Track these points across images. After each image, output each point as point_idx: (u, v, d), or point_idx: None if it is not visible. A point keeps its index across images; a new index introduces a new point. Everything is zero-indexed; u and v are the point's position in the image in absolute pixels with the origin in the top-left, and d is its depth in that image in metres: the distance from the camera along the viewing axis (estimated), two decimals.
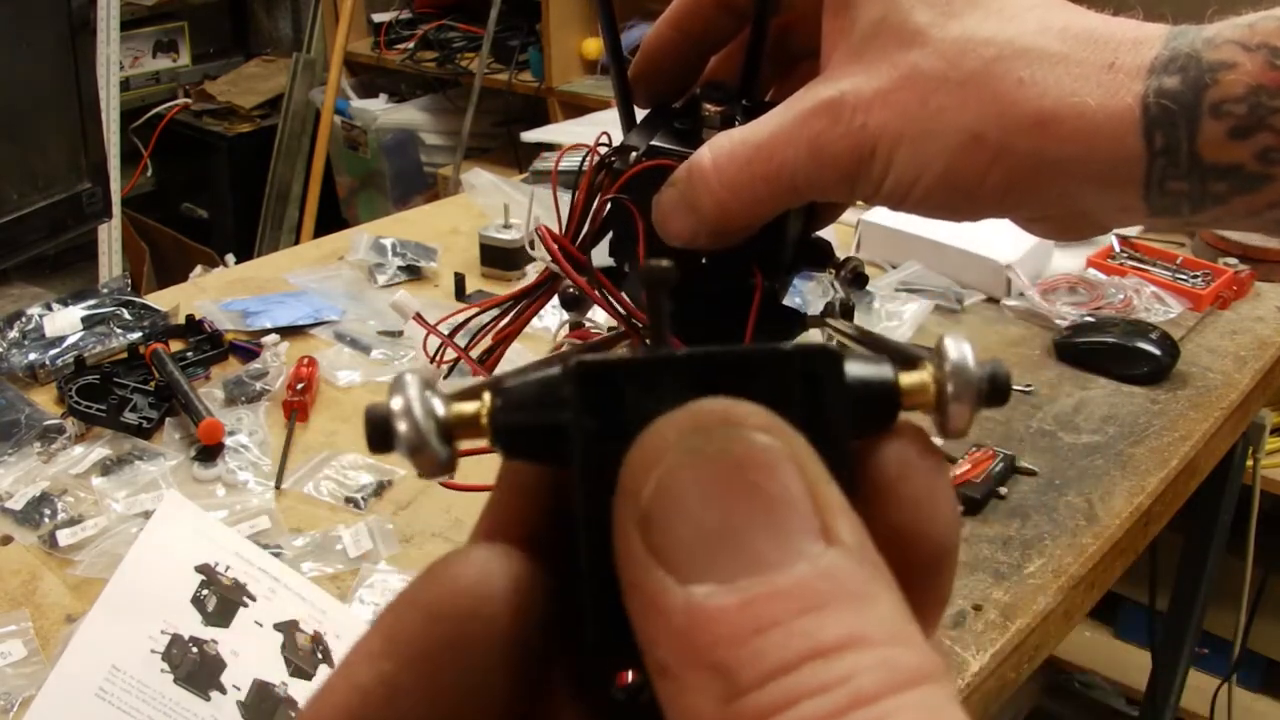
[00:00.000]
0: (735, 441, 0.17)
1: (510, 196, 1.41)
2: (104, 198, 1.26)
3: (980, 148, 0.34)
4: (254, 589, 0.73)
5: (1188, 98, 0.33)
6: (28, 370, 1.09)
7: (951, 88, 0.34)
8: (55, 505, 0.91)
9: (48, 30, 1.17)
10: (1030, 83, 0.33)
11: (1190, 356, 1.12)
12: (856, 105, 0.35)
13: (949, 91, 0.34)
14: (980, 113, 0.34)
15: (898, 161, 0.35)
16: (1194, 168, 0.34)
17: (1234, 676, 1.82)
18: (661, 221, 0.38)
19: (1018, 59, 0.34)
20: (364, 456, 0.98)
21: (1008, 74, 0.34)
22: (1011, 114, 0.34)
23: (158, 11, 3.45)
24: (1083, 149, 0.34)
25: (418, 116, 3.20)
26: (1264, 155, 0.33)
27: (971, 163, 0.35)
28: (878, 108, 0.35)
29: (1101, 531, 0.89)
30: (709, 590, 0.16)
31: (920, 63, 0.35)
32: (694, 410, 0.17)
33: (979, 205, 0.37)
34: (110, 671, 0.65)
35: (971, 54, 0.34)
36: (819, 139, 0.35)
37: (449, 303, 1.26)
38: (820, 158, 0.35)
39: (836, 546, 0.17)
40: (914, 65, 0.35)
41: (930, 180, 0.36)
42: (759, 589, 0.16)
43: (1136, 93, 0.33)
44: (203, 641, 0.69)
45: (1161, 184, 0.34)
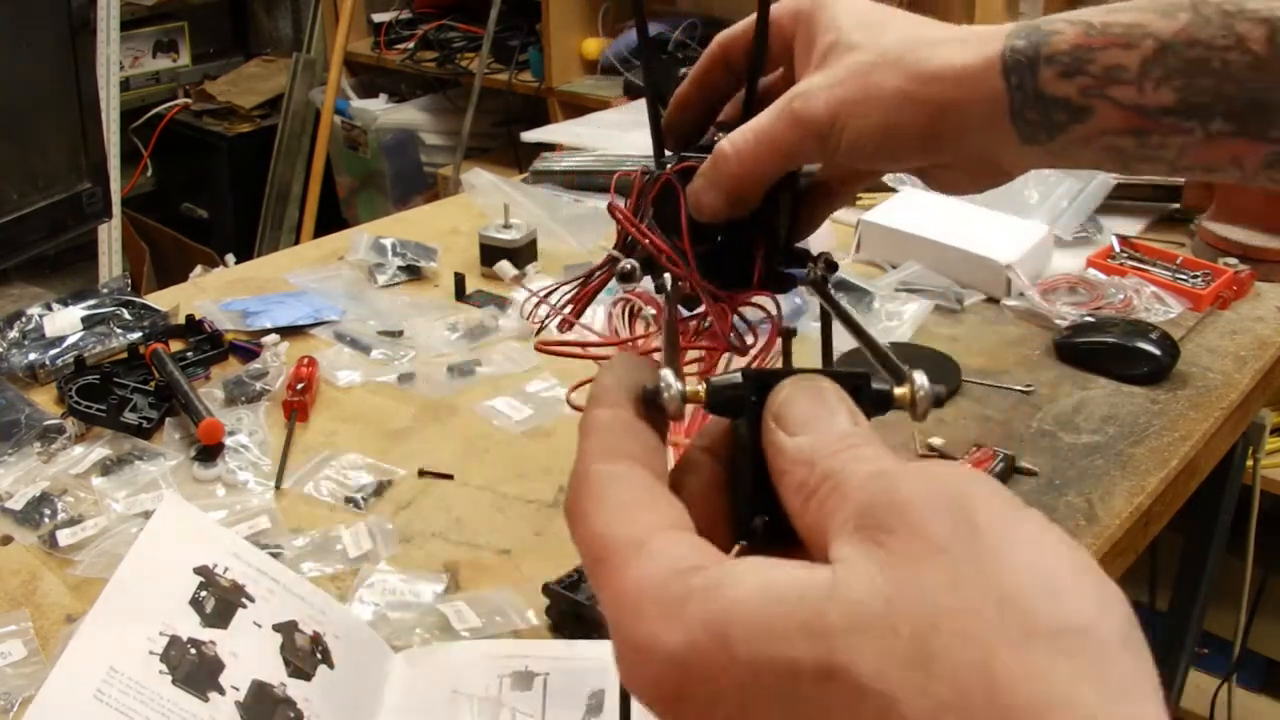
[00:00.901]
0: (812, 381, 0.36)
1: (510, 196, 1.41)
2: (104, 198, 1.26)
3: (904, 101, 0.51)
4: (252, 590, 0.73)
5: (1031, 52, 0.50)
6: (28, 370, 1.09)
7: (881, 68, 0.51)
8: (55, 505, 0.91)
9: (48, 30, 1.17)
10: (930, 57, 0.51)
11: (1190, 356, 1.12)
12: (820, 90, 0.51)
13: (880, 71, 0.51)
14: (902, 78, 0.51)
15: (851, 122, 0.51)
16: (1039, 100, 0.50)
17: (1234, 676, 1.82)
18: (695, 200, 0.53)
19: (923, 46, 0.51)
20: (364, 456, 0.98)
21: (917, 53, 0.51)
22: (920, 75, 0.51)
23: (158, 11, 3.45)
24: (968, 92, 0.51)
25: (418, 116, 3.20)
26: (1085, 91, 0.50)
27: (900, 113, 0.51)
28: (834, 89, 0.51)
29: (1101, 531, 0.89)
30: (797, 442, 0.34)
31: (860, 59, 0.52)
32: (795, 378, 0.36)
33: (912, 149, 0.52)
34: (108, 673, 0.65)
35: (893, 49, 0.51)
36: (798, 116, 0.51)
37: (449, 302, 1.26)
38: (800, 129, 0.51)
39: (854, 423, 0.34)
40: (856, 61, 0.52)
41: (873, 131, 0.52)
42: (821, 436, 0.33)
43: (997, 50, 0.50)
44: (201, 643, 0.68)
45: (1021, 113, 0.51)
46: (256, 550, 0.77)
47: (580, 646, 0.76)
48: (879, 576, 0.28)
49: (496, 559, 0.87)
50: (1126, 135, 0.51)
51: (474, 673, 0.74)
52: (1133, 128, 0.50)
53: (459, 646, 0.77)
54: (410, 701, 0.73)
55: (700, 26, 2.63)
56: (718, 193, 0.53)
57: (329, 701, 0.70)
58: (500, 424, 1.04)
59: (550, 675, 0.74)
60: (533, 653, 0.75)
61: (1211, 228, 1.34)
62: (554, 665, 0.74)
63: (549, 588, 0.79)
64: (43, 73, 1.19)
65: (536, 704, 0.72)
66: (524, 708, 0.72)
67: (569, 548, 0.86)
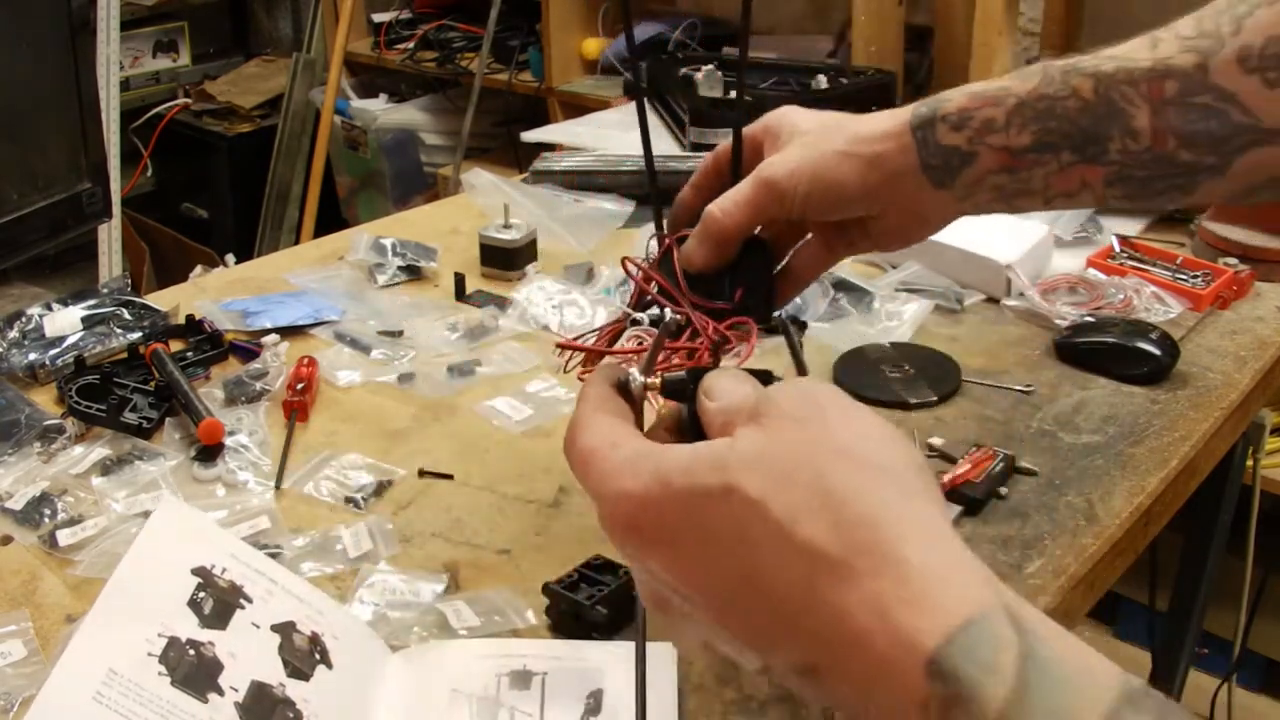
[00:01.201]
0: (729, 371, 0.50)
1: (510, 196, 1.41)
2: (104, 198, 1.26)
3: (843, 158, 0.70)
4: (250, 590, 0.73)
5: (930, 114, 0.70)
6: (28, 370, 1.09)
7: (825, 139, 0.71)
8: (55, 505, 0.91)
9: (48, 30, 1.17)
10: (861, 125, 0.71)
11: (1190, 356, 1.12)
12: (780, 161, 0.71)
13: (824, 141, 0.70)
14: (841, 142, 0.70)
15: (804, 180, 0.70)
16: (939, 149, 0.69)
17: (1234, 676, 1.82)
18: (686, 255, 0.72)
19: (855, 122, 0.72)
20: (364, 456, 0.98)
21: (852, 125, 0.72)
22: (855, 138, 0.70)
23: (158, 11, 3.45)
24: (890, 145, 0.70)
25: (418, 116, 3.20)
26: (970, 140, 0.68)
27: (839, 168, 0.70)
28: (791, 158, 0.71)
29: (1101, 531, 0.89)
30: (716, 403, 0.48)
31: (809, 137, 0.72)
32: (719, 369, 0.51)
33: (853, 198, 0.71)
34: (108, 675, 0.65)
35: (833, 125, 0.72)
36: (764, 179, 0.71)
37: (449, 302, 1.27)
38: (767, 190, 0.71)
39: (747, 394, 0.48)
40: (806, 138, 0.72)
41: (821, 184, 0.70)
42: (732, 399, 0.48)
43: (908, 115, 0.70)
44: (200, 644, 0.68)
45: (928, 161, 0.69)
46: (254, 551, 0.77)
47: (579, 646, 0.76)
48: (759, 436, 0.44)
49: (496, 559, 0.87)
50: (1003, 173, 0.69)
51: (472, 672, 0.74)
52: (1005, 166, 0.68)
53: (456, 646, 0.77)
54: (409, 701, 0.73)
55: (700, 26, 2.63)
56: (706, 247, 0.71)
57: (328, 701, 0.70)
58: (500, 424, 1.04)
59: (549, 675, 0.74)
60: (531, 652, 0.75)
61: (1211, 228, 1.34)
62: (552, 665, 0.74)
63: (549, 587, 0.79)
64: (43, 73, 1.19)
65: (535, 703, 0.72)
66: (523, 707, 0.72)
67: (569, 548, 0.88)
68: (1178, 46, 0.65)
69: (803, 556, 0.41)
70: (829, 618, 0.40)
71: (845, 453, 0.43)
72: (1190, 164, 0.65)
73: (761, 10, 2.73)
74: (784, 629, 0.42)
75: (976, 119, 0.68)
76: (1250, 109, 0.63)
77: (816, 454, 0.43)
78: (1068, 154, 0.66)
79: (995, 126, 0.67)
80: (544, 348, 1.16)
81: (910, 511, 0.41)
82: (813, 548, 0.41)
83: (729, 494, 0.42)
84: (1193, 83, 0.64)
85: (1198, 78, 0.63)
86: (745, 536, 0.42)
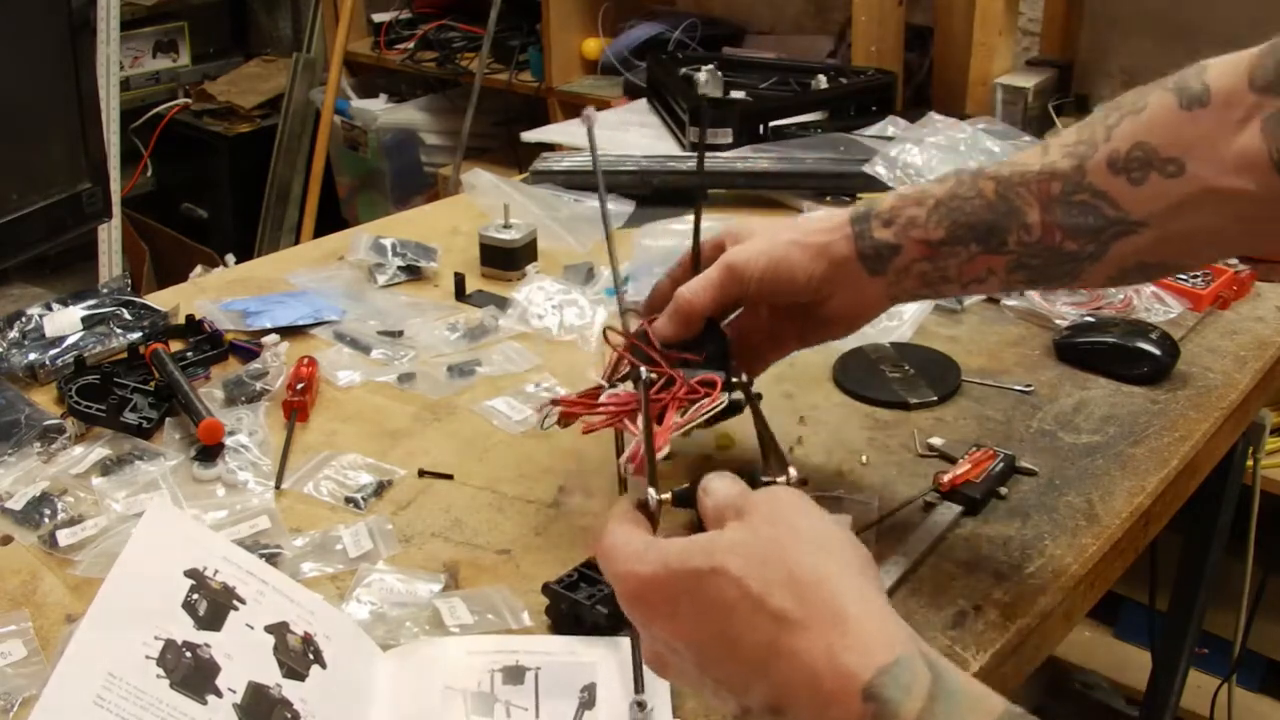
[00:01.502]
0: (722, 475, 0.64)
1: (510, 196, 1.42)
2: (104, 198, 1.26)
3: (794, 246, 0.83)
4: (243, 592, 0.73)
5: (866, 212, 0.82)
6: (28, 370, 1.09)
7: (779, 230, 0.84)
8: (55, 505, 0.91)
9: (48, 30, 1.17)
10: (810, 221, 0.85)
11: (1190, 356, 1.12)
12: (741, 249, 0.84)
13: (778, 234, 0.84)
14: (793, 234, 0.84)
15: (760, 264, 0.83)
16: (873, 241, 0.81)
17: (1234, 676, 1.82)
18: (658, 329, 0.84)
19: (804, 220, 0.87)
20: (364, 456, 0.99)
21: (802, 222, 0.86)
22: (804, 230, 0.83)
23: (158, 11, 3.45)
24: (834, 236, 0.82)
25: (418, 116, 3.20)
26: (896, 234, 0.80)
27: (790, 254, 0.83)
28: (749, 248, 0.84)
29: (1101, 531, 0.89)
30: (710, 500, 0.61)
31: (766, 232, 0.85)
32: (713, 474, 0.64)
33: (803, 283, 0.83)
34: (107, 679, 0.65)
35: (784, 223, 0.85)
36: (726, 263, 0.84)
37: (449, 302, 1.27)
38: (729, 273, 0.83)
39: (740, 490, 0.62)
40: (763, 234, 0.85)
41: (775, 268, 0.82)
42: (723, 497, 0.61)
43: (848, 215, 0.83)
44: (196, 645, 0.69)
45: (863, 251, 0.81)
46: (244, 552, 0.77)
47: (570, 642, 0.77)
48: (741, 530, 0.58)
49: (496, 559, 0.87)
50: (924, 261, 0.80)
51: (465, 668, 0.74)
52: (926, 255, 0.80)
53: (448, 642, 0.77)
54: (403, 698, 0.73)
55: (700, 26, 2.63)
56: (675, 322, 0.84)
57: (324, 701, 0.70)
58: (500, 424, 1.04)
59: (542, 670, 0.74)
60: (523, 648, 0.76)
61: None
62: (545, 660, 0.74)
63: (549, 588, 0.79)
64: (43, 73, 1.19)
65: (529, 698, 0.72)
66: (517, 701, 0.72)
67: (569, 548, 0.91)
68: (1061, 152, 0.75)
69: (773, 620, 0.54)
70: (790, 664, 0.53)
71: (804, 544, 0.56)
72: (1074, 253, 0.76)
73: (761, 10, 2.73)
74: (755, 675, 0.54)
75: (903, 216, 0.80)
76: (1119, 204, 0.73)
77: (784, 546, 0.56)
78: (974, 245, 0.78)
79: (918, 222, 0.79)
80: (544, 348, 1.16)
81: (850, 583, 0.55)
82: (781, 613, 0.53)
83: (715, 573, 0.55)
84: (1072, 183, 0.74)
85: (1076, 178, 0.74)
86: (726, 604, 0.55)
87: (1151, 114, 0.72)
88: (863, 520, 0.89)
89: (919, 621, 0.80)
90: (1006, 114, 2.02)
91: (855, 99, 1.92)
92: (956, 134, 1.56)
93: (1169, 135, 0.71)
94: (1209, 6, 2.04)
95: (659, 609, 0.58)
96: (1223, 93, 0.69)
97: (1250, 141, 0.68)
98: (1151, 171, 0.71)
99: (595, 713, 0.72)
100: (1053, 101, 2.04)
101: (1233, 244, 0.79)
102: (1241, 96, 0.68)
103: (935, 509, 0.90)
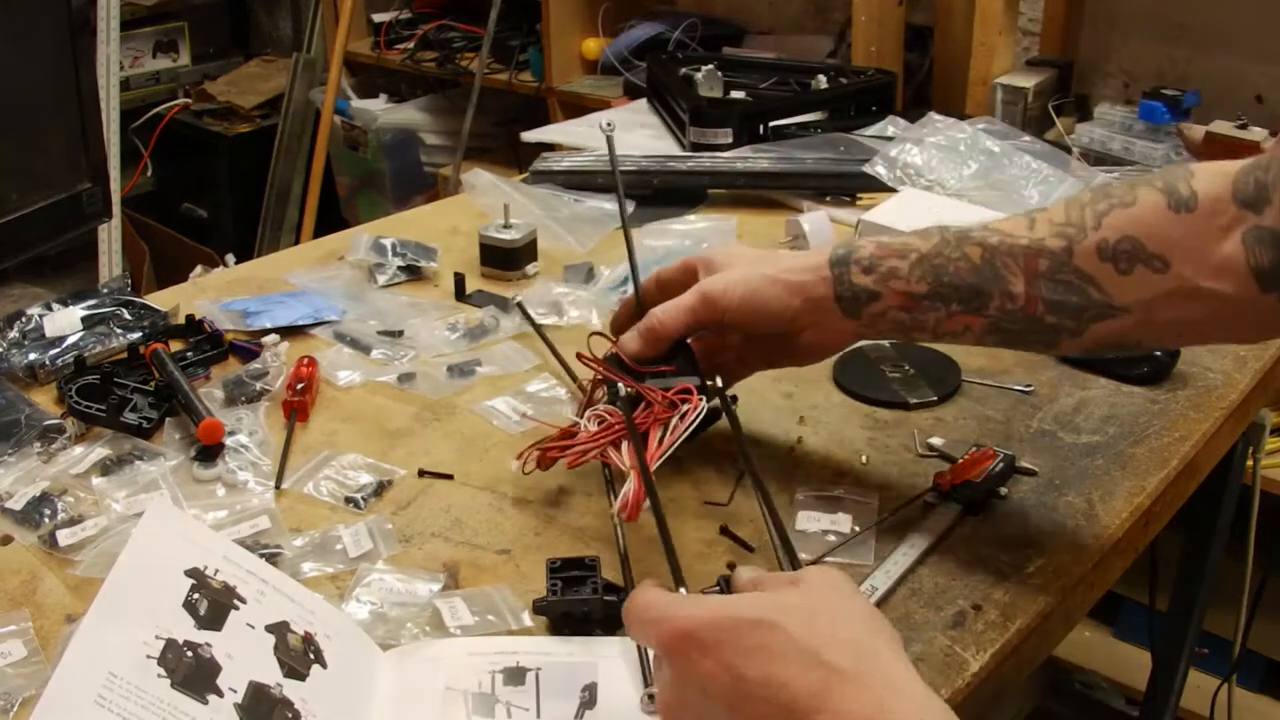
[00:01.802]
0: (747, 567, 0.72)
1: (510, 196, 1.41)
2: (104, 198, 1.26)
3: (771, 281, 0.87)
4: (243, 591, 0.73)
5: (846, 256, 0.85)
6: (28, 370, 1.09)
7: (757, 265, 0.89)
8: (55, 505, 0.91)
9: (48, 30, 1.17)
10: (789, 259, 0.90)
11: (1190, 356, 1.12)
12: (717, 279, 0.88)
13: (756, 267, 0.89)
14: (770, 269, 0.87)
15: (736, 294, 0.87)
16: (851, 285, 0.85)
17: (1234, 676, 1.82)
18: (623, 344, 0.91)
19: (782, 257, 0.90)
20: (364, 456, 0.99)
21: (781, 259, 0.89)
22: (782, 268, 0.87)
23: (158, 11, 3.45)
24: (811, 276, 0.86)
25: (418, 116, 3.20)
26: (876, 282, 0.84)
27: (765, 288, 0.87)
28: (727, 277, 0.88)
29: (1101, 531, 0.89)
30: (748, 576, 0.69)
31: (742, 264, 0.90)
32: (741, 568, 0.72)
33: (776, 315, 0.87)
34: (108, 678, 0.65)
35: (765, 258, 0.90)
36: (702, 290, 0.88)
37: (449, 302, 1.27)
38: (703, 299, 0.88)
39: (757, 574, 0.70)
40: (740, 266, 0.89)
41: (750, 299, 0.87)
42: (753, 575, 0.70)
43: (826, 257, 0.86)
44: (197, 645, 0.69)
45: (840, 294, 0.85)
46: (245, 551, 0.77)
47: (570, 642, 0.77)
48: (795, 594, 0.62)
49: (496, 559, 0.87)
50: (902, 311, 0.84)
51: (465, 669, 0.74)
52: (905, 306, 0.83)
53: (449, 643, 0.77)
54: (404, 698, 0.73)
55: (700, 26, 2.63)
56: (643, 340, 0.89)
57: (324, 701, 0.70)
58: (500, 424, 1.04)
59: (543, 670, 0.74)
60: (523, 649, 0.76)
61: None
62: (545, 660, 0.74)
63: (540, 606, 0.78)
64: (43, 73, 1.19)
65: (530, 698, 0.72)
66: (518, 702, 0.72)
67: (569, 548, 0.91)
68: (1050, 230, 0.79)
69: (822, 670, 0.57)
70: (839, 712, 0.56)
71: (855, 613, 0.62)
72: (1054, 326, 0.80)
73: (761, 10, 2.74)
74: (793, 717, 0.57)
75: (884, 266, 0.84)
76: (1104, 289, 0.77)
77: (836, 610, 0.61)
78: (956, 305, 0.82)
79: (899, 274, 0.83)
80: (544, 348, 1.16)
81: (898, 653, 0.61)
82: (834, 666, 0.57)
83: (774, 625, 0.59)
84: (1060, 263, 0.78)
85: (1064, 259, 0.78)
86: (774, 651, 0.58)
87: (1142, 209, 0.77)
88: (863, 520, 0.89)
89: (919, 621, 0.80)
90: (1006, 114, 2.03)
91: (855, 99, 1.92)
92: (956, 134, 1.56)
93: (1157, 233, 0.75)
94: (1209, 6, 2.04)
95: (708, 646, 0.59)
96: (1209, 200, 0.75)
97: (1231, 250, 0.73)
98: (1138, 264, 0.76)
99: (596, 712, 0.72)
100: (1052, 101, 2.04)
101: (1205, 334, 0.84)
102: (1225, 207, 0.74)
103: (935, 509, 0.90)
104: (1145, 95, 1.84)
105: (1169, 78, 2.06)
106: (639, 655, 0.73)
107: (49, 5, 1.16)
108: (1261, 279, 0.73)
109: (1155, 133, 1.80)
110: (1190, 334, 0.83)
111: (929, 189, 1.47)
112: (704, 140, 1.74)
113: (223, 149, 3.44)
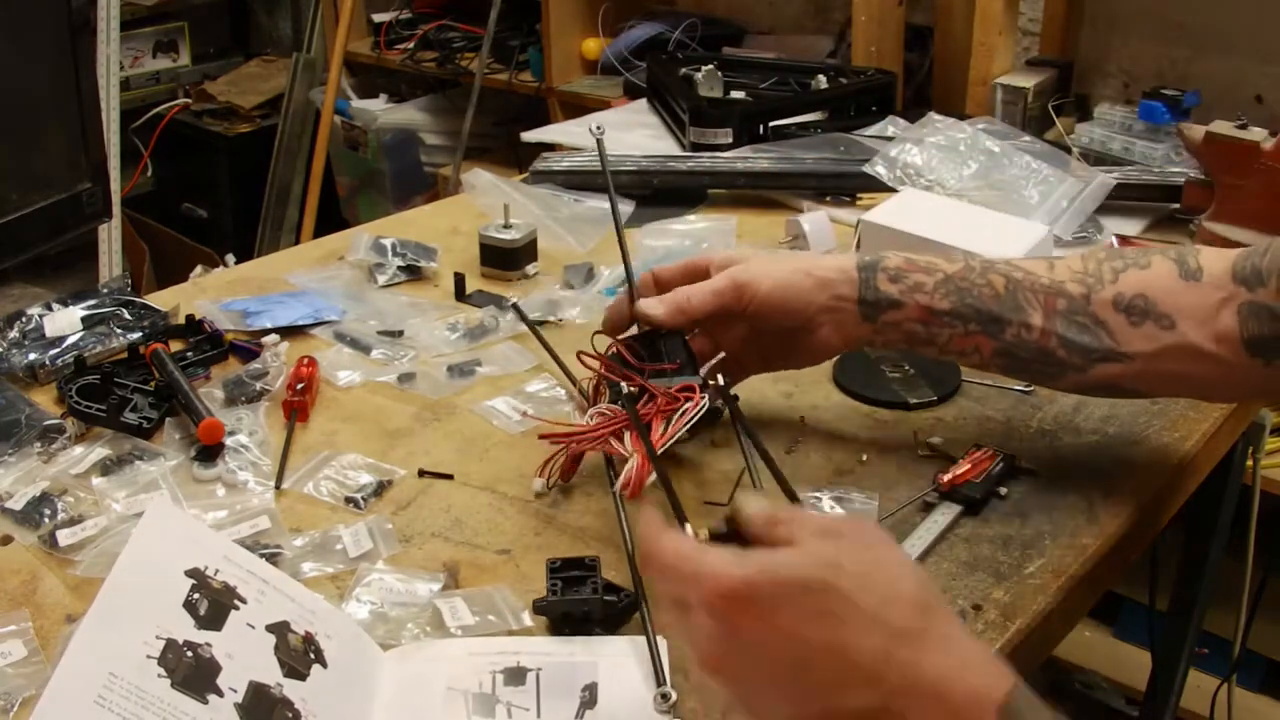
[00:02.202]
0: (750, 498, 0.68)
1: (510, 196, 1.41)
2: (104, 198, 1.26)
3: (800, 274, 0.91)
4: (243, 591, 0.73)
5: (873, 264, 0.91)
6: (28, 370, 1.09)
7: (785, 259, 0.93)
8: (55, 505, 0.91)
9: (48, 30, 1.17)
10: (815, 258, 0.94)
11: None
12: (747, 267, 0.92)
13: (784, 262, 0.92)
14: (799, 263, 0.92)
15: (764, 282, 0.91)
16: (876, 292, 0.90)
17: (1234, 676, 1.82)
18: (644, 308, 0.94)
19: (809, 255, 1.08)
20: (364, 456, 0.99)
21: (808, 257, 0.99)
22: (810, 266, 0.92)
23: (158, 11, 3.45)
24: (838, 275, 0.90)
25: (418, 116, 3.19)
26: (901, 292, 0.89)
27: (793, 280, 0.90)
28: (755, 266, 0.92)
29: (1101, 531, 0.89)
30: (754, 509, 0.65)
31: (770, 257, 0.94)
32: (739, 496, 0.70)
33: (799, 307, 0.91)
34: (108, 678, 0.65)
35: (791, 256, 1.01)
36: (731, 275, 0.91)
37: (449, 302, 1.27)
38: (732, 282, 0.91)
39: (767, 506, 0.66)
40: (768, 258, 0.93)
41: (778, 289, 0.90)
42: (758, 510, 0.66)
43: (853, 261, 0.91)
44: (197, 645, 0.69)
45: (863, 297, 0.90)
46: (245, 551, 0.77)
47: (570, 642, 0.77)
48: (844, 550, 0.61)
49: (496, 559, 0.87)
50: (919, 323, 0.89)
51: (465, 669, 0.74)
52: (923, 319, 0.89)
53: (449, 644, 0.77)
54: (404, 699, 0.73)
55: (700, 26, 2.63)
56: (666, 307, 0.92)
57: (325, 701, 0.70)
58: (500, 424, 1.04)
59: (543, 670, 0.74)
60: (523, 649, 0.76)
61: (1211, 228, 1.34)
62: (546, 660, 0.75)
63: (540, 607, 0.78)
64: (43, 73, 1.19)
65: (531, 698, 0.72)
66: (519, 702, 0.72)
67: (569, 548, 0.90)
68: (1069, 275, 0.88)
69: (886, 631, 0.58)
70: (908, 674, 0.58)
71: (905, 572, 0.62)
72: (1062, 360, 0.88)
73: (761, 10, 2.73)
74: (864, 683, 0.58)
75: (910, 278, 0.90)
76: (1115, 336, 0.86)
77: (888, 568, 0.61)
78: (974, 325, 0.88)
79: (924, 288, 0.89)
80: (544, 348, 1.16)
81: (946, 609, 0.62)
82: (898, 626, 0.58)
83: (832, 588, 0.59)
84: (1077, 306, 0.87)
85: (1081, 303, 0.87)
86: (836, 615, 0.58)
87: (1156, 273, 0.86)
88: None
89: None
90: (1006, 114, 2.02)
91: (855, 99, 1.92)
92: (956, 134, 1.56)
93: (1167, 295, 0.85)
94: (1209, 6, 2.04)
95: (753, 610, 0.59)
96: (1214, 274, 0.85)
97: (1228, 320, 0.83)
98: (1149, 320, 0.85)
99: (596, 712, 0.72)
100: (1052, 101, 2.04)
101: (1196, 389, 0.92)
102: (1225, 282, 0.84)
103: (935, 509, 0.90)
104: (1145, 95, 1.84)
105: (1169, 78, 2.06)
106: (651, 654, 0.73)
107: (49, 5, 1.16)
108: (1251, 346, 0.83)
109: (1155, 133, 1.80)
110: (1183, 388, 0.93)
111: (929, 189, 1.47)
112: (704, 140, 1.74)
113: (223, 149, 3.44)
